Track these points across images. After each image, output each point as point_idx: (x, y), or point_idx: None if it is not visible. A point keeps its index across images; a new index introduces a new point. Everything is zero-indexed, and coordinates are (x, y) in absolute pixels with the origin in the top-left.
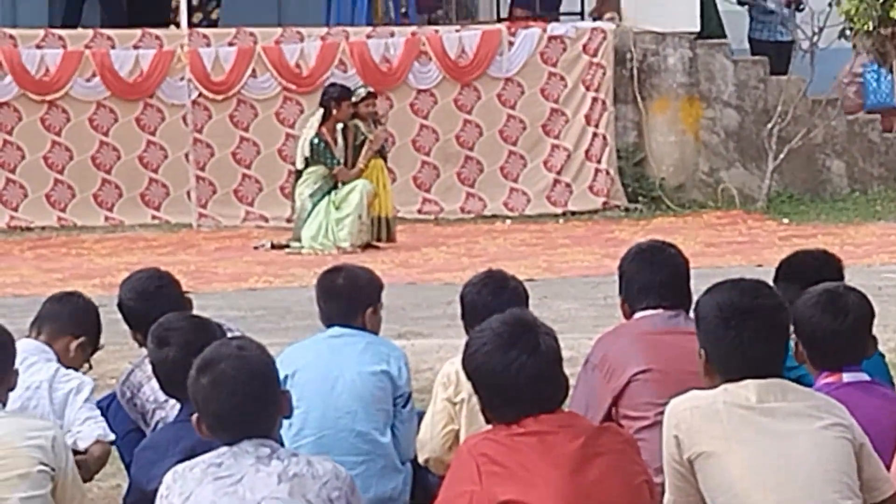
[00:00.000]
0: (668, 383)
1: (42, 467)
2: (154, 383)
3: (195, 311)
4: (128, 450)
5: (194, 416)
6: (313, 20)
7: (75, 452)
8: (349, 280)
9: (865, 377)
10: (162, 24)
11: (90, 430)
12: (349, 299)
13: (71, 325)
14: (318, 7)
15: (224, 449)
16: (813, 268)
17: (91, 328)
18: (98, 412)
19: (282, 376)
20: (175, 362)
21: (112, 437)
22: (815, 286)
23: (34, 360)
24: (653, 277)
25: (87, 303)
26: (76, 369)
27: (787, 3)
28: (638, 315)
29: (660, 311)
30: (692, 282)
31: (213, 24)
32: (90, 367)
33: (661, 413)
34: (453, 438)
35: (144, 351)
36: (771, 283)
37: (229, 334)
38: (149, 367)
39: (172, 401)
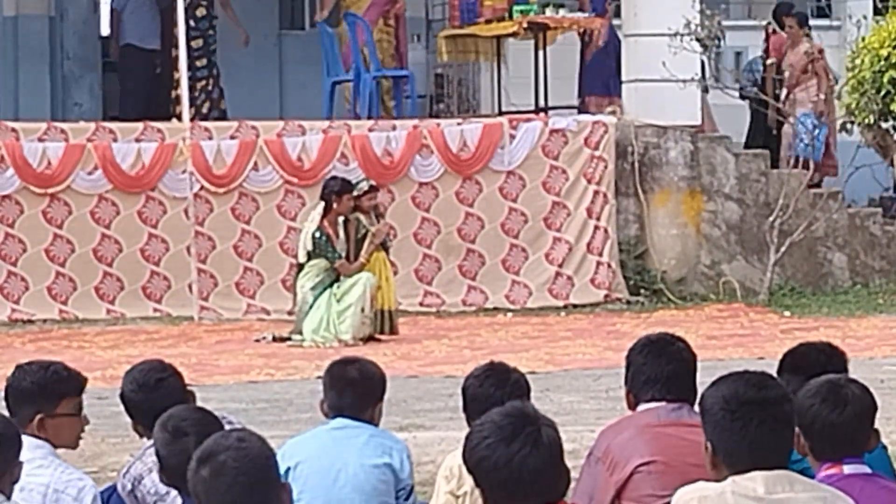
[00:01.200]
0: (672, 475)
1: None
2: (155, 476)
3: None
4: None
5: None
6: (314, 113)
7: None
8: (363, 373)
9: (867, 469)
10: (164, 117)
11: None
12: (363, 392)
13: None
14: (318, 100)
15: None
16: (816, 360)
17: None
18: None
19: (284, 468)
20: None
21: None
22: (817, 377)
23: (30, 455)
24: (660, 370)
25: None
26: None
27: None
28: (642, 407)
29: (663, 403)
30: None
31: (223, 115)
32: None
33: (664, 500)
34: None
35: (144, 443)
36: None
37: (227, 427)
38: (150, 459)
39: (174, 492)
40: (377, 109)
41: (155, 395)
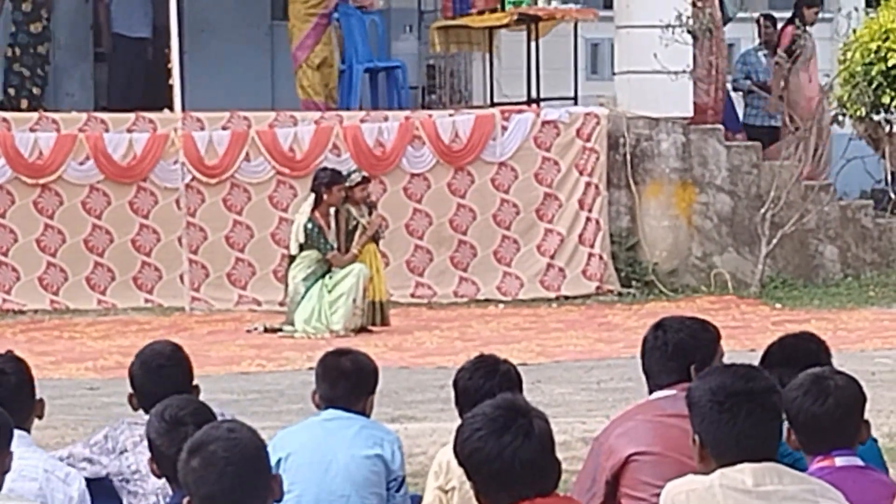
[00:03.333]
0: (667, 465)
1: None
2: (139, 454)
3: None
4: None
5: (185, 500)
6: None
7: None
8: (356, 364)
9: (858, 462)
10: (156, 107)
11: None
12: (356, 384)
13: None
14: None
15: None
16: (800, 352)
17: None
18: None
19: (275, 460)
20: None
21: None
22: (807, 371)
23: (16, 443)
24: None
25: None
26: None
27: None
28: (655, 395)
29: (674, 392)
30: None
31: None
32: None
33: (657, 495)
34: None
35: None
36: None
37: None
38: (137, 434)
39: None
40: (368, 100)
41: (163, 376)
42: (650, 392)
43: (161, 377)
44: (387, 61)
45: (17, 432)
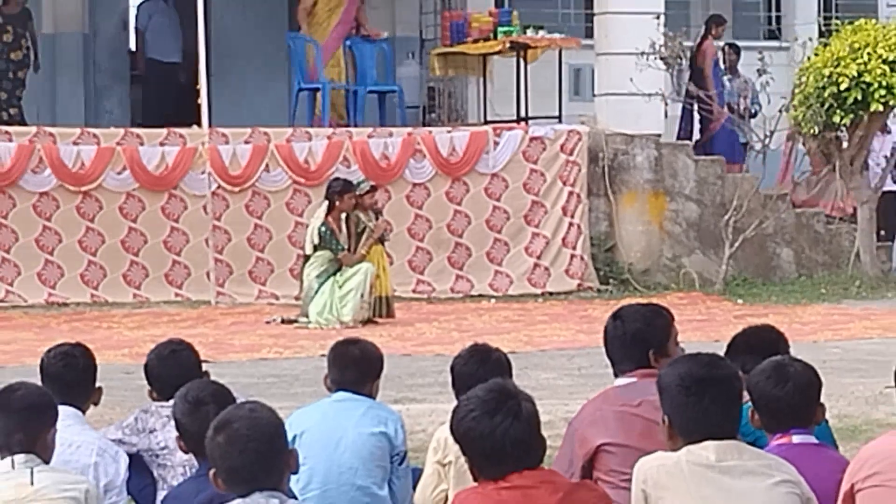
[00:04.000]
0: (630, 455)
1: None
2: (167, 432)
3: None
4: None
5: (211, 472)
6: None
7: None
8: (364, 352)
9: (813, 440)
10: (185, 123)
11: None
12: (364, 369)
13: None
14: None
15: (238, 501)
16: (761, 340)
17: None
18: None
19: (290, 436)
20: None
21: None
22: (769, 358)
23: (70, 422)
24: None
25: None
26: None
27: (743, 110)
28: (618, 381)
29: (634, 379)
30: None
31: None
32: None
33: (625, 480)
34: (444, 498)
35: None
36: (723, 354)
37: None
38: (165, 415)
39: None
40: (361, 117)
41: (170, 363)
42: (615, 375)
43: (174, 362)
44: (387, 85)
45: (73, 411)
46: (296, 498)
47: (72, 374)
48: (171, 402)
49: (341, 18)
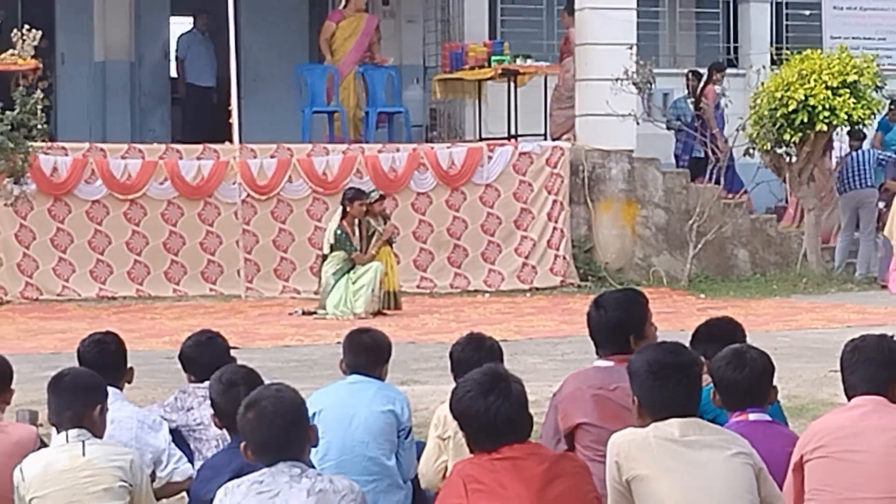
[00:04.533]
0: (604, 433)
1: (122, 483)
2: (203, 410)
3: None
4: None
5: (242, 445)
6: (348, 139)
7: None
8: (374, 339)
9: (767, 417)
10: (219, 140)
11: (185, 469)
12: (374, 354)
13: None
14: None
15: (265, 470)
16: (722, 331)
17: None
18: (183, 455)
19: (310, 414)
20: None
21: (193, 474)
22: (730, 346)
23: (112, 399)
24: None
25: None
26: None
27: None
28: (598, 363)
29: (612, 364)
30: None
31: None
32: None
33: (600, 455)
34: (444, 468)
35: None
36: (688, 342)
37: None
38: (200, 395)
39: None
40: (371, 135)
41: (205, 350)
42: (598, 355)
43: (208, 348)
44: (395, 107)
45: (113, 390)
46: (314, 468)
47: (104, 358)
48: (206, 383)
49: (354, 46)
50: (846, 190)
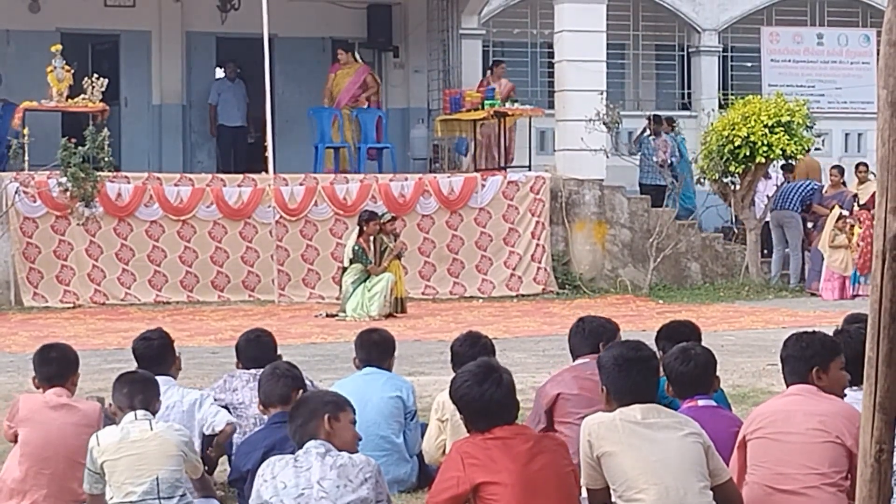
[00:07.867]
0: (583, 401)
1: (181, 452)
2: (248, 391)
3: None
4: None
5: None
6: (351, 170)
7: (212, 436)
8: (382, 337)
9: (713, 403)
10: (256, 171)
11: (221, 418)
12: (382, 349)
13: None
14: (352, 163)
15: (300, 451)
16: (680, 331)
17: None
18: (222, 409)
19: None
20: (288, 387)
21: (234, 420)
22: (678, 344)
23: (165, 387)
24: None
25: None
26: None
27: (661, 162)
28: (577, 361)
29: (588, 360)
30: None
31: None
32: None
33: (579, 417)
34: (443, 446)
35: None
36: (652, 340)
37: (306, 378)
38: (245, 378)
39: (253, 406)
40: (363, 167)
41: (254, 344)
42: (574, 360)
43: (257, 343)
44: (382, 144)
45: (166, 378)
46: None
47: (153, 351)
48: (251, 370)
49: (343, 91)
50: (773, 210)
